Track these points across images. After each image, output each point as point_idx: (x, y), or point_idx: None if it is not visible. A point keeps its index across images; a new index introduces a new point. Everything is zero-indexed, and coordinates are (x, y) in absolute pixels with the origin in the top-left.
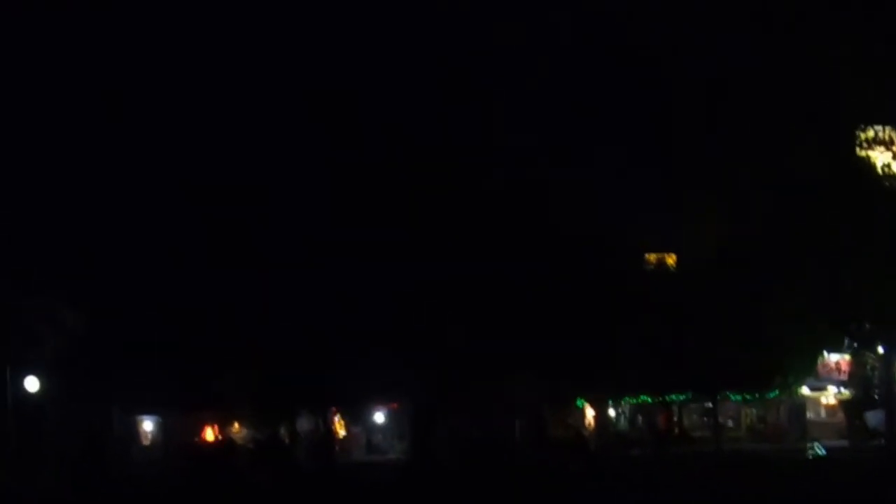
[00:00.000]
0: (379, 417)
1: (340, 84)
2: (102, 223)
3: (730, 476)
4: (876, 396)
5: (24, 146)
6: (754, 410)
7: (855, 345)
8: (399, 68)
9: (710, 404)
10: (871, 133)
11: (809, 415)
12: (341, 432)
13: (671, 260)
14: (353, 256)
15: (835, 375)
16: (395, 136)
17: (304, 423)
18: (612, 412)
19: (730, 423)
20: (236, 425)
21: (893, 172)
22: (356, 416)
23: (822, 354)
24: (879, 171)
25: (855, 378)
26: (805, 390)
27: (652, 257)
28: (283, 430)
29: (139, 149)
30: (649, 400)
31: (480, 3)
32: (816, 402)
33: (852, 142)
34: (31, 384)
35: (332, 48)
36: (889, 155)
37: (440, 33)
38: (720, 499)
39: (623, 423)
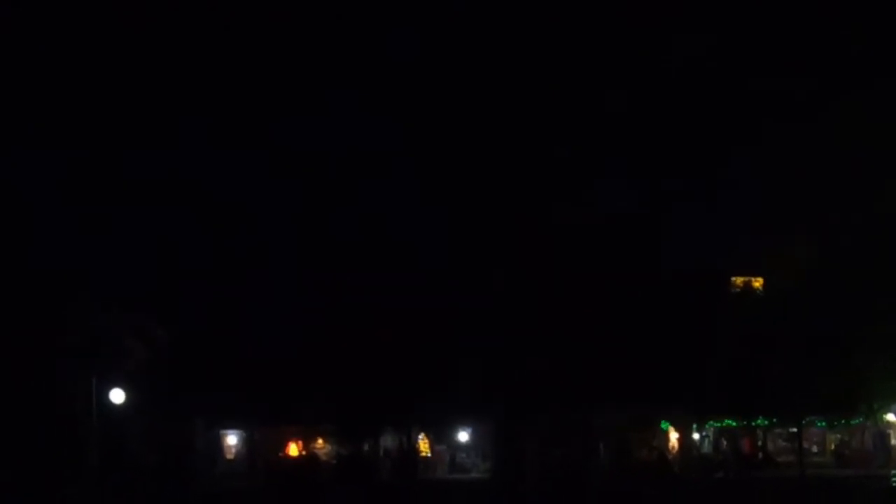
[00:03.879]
0: (463, 436)
1: None
2: (193, 243)
3: (814, 501)
4: None
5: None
6: (839, 436)
7: None
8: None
9: (795, 429)
10: None
11: (895, 441)
12: (425, 450)
13: (758, 283)
14: (444, 285)
15: None
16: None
17: (388, 441)
18: (696, 435)
19: (814, 449)
20: (320, 441)
21: None
22: (440, 435)
23: None
24: None
25: None
26: (891, 416)
27: (739, 281)
28: (366, 447)
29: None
30: (734, 424)
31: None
32: None
33: None
34: (117, 396)
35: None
36: None
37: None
38: None
39: (707, 446)
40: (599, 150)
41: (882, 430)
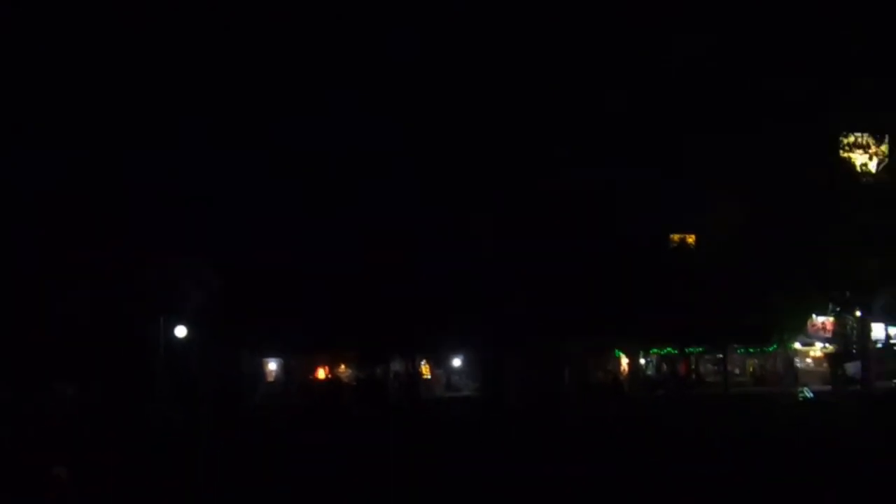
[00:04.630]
0: (456, 362)
1: None
2: (236, 202)
3: (736, 413)
4: (854, 350)
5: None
6: (756, 361)
7: (837, 309)
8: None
9: (721, 356)
10: (851, 139)
11: (800, 365)
12: (426, 374)
13: (691, 239)
14: (445, 240)
15: (821, 333)
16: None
17: (396, 366)
18: (642, 361)
19: (736, 371)
20: (343, 367)
21: (869, 171)
22: (438, 361)
23: (811, 316)
24: (858, 169)
25: (837, 335)
26: (797, 345)
27: (675, 237)
28: (379, 371)
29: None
30: (673, 351)
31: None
32: (806, 354)
33: (837, 146)
34: (180, 331)
35: None
36: (866, 157)
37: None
38: (728, 432)
39: (651, 369)
40: (590, 145)
41: (790, 356)
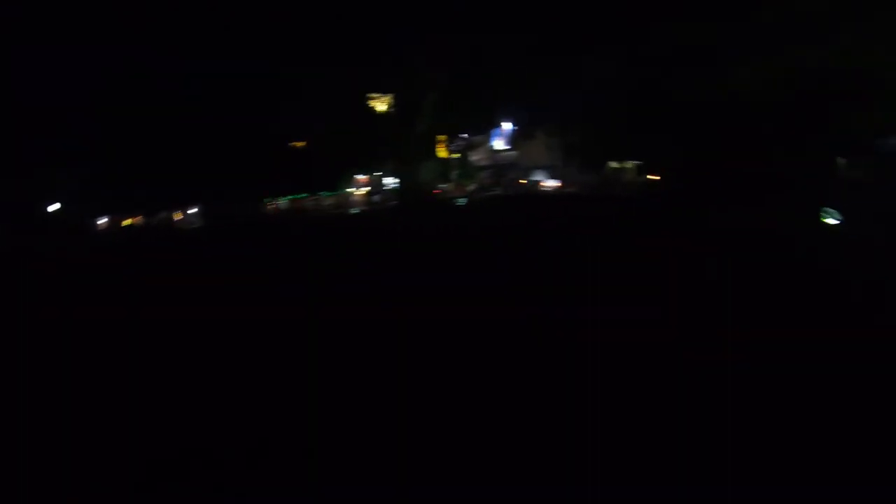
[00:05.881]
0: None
1: None
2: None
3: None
4: (377, 190)
5: None
6: (333, 198)
7: (371, 172)
8: None
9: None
10: (374, 96)
11: (352, 199)
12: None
13: (302, 144)
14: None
15: (359, 184)
16: None
17: None
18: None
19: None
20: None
21: (384, 111)
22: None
23: (354, 175)
24: (380, 111)
25: (371, 183)
26: (349, 189)
27: (297, 143)
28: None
29: None
30: (300, 196)
31: None
32: (354, 194)
33: (366, 100)
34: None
35: None
36: (382, 105)
37: None
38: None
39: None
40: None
41: (347, 195)
